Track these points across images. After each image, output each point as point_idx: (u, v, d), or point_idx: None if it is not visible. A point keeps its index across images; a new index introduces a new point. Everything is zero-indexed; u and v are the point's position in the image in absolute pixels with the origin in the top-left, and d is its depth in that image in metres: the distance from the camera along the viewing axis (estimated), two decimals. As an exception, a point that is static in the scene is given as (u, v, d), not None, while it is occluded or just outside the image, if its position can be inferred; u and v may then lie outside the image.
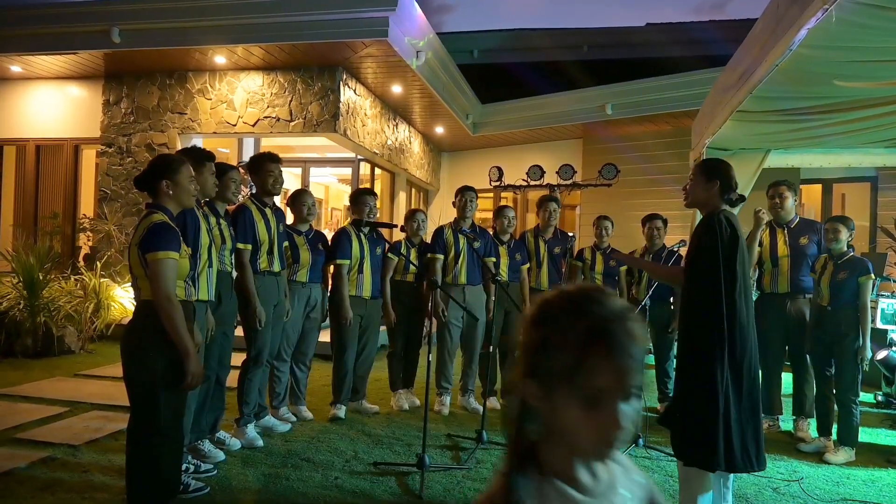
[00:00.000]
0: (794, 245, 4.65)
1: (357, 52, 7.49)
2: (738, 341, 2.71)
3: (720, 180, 2.87)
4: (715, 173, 2.91)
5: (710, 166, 2.98)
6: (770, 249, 4.73)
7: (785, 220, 4.74)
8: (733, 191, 2.89)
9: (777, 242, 4.71)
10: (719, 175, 2.89)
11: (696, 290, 2.81)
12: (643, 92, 9.51)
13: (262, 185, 4.23)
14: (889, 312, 6.05)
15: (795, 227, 4.71)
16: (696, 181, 2.95)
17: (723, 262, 2.72)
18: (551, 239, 5.55)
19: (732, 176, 2.91)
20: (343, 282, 4.69)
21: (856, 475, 3.93)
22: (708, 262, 2.75)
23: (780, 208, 4.72)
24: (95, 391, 5.20)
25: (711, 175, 2.91)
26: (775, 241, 4.73)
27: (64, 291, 7.10)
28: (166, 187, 2.74)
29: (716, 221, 2.77)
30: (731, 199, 2.89)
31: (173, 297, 2.58)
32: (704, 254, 2.78)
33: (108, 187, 8.62)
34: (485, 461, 3.93)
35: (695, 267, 2.83)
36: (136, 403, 2.65)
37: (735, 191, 2.90)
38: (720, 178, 2.88)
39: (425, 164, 12.07)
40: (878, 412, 5.55)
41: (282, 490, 3.37)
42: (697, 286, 2.81)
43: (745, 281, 2.78)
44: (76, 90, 8.87)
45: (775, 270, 4.70)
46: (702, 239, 2.82)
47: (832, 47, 3.38)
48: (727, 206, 2.90)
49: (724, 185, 2.87)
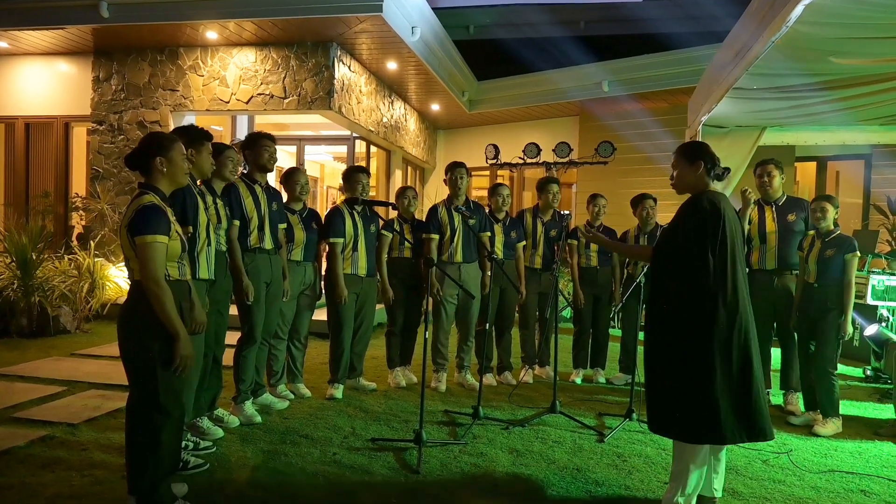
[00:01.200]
0: (782, 222, 4.70)
1: (351, 28, 7.41)
2: (725, 315, 2.75)
3: (703, 160, 2.93)
4: (697, 154, 2.96)
5: (691, 149, 3.02)
6: (758, 226, 4.79)
7: (773, 198, 4.79)
8: (717, 166, 2.95)
9: (765, 219, 4.77)
10: (701, 155, 2.95)
11: (676, 267, 2.85)
12: (640, 68, 9.47)
13: (257, 160, 4.22)
14: (879, 289, 6.12)
15: (783, 204, 4.77)
16: (681, 167, 3.00)
17: (708, 239, 2.77)
18: (549, 221, 5.56)
19: (712, 152, 2.98)
20: (337, 260, 4.70)
21: (843, 447, 4.00)
22: (693, 240, 2.80)
23: (768, 186, 4.77)
24: (93, 370, 5.22)
25: (694, 157, 2.96)
26: (763, 218, 4.78)
27: (58, 271, 7.08)
28: (160, 164, 2.72)
29: (698, 201, 2.85)
30: (718, 175, 2.95)
31: (161, 280, 2.58)
32: (687, 233, 2.83)
33: (99, 165, 8.56)
34: (481, 436, 3.98)
35: (674, 244, 2.88)
36: (135, 381, 2.67)
37: (718, 165, 2.95)
38: (703, 158, 2.94)
39: (421, 141, 12.01)
40: (866, 386, 5.63)
41: (280, 466, 3.41)
42: (677, 264, 2.85)
43: (735, 258, 2.81)
44: (65, 66, 8.76)
45: (763, 247, 4.76)
46: (685, 219, 2.87)
47: (828, 24, 3.37)
48: (716, 182, 2.96)
49: (707, 163, 2.93)
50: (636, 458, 3.69)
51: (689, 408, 2.77)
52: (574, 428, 4.21)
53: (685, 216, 2.88)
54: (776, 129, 6.23)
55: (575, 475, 3.43)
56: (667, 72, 9.16)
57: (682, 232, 2.86)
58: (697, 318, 2.78)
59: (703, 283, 2.77)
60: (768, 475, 3.50)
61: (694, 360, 2.77)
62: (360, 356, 5.02)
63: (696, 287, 2.79)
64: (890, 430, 4.26)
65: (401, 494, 3.12)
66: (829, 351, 4.24)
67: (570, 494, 3.19)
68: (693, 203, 2.88)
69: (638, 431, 4.18)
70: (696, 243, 2.79)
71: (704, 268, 2.76)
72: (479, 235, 5.11)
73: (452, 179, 5.16)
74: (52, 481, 3.09)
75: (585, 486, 3.29)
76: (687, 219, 2.86)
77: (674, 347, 2.82)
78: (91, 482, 3.10)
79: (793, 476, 3.50)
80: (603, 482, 3.34)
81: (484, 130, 12.18)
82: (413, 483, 3.25)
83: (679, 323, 2.82)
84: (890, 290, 6.09)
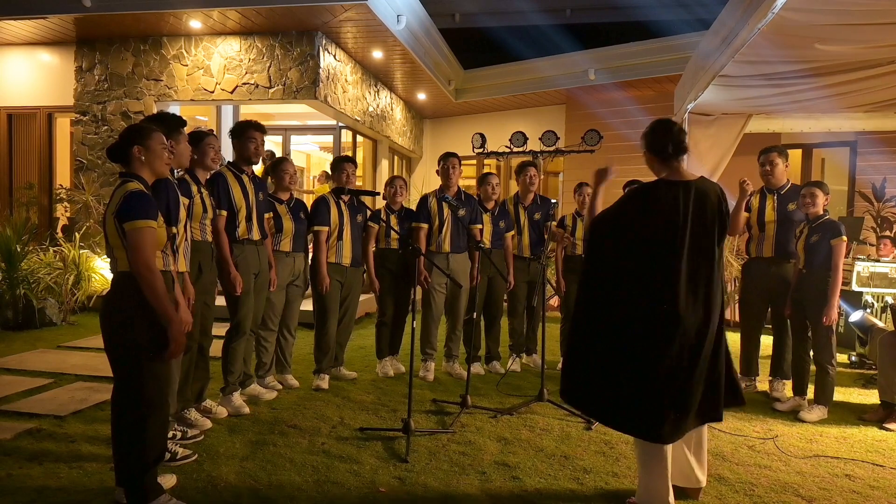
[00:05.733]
0: (782, 211, 4.71)
1: (336, 16, 7.35)
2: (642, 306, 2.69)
3: (647, 147, 2.86)
4: (644, 142, 2.89)
5: (642, 136, 2.92)
6: (758, 215, 4.79)
7: (776, 186, 4.78)
8: (666, 148, 2.78)
9: (765, 208, 4.77)
10: (645, 143, 2.88)
11: (594, 256, 2.91)
12: (626, 56, 9.46)
13: (243, 151, 4.19)
14: (864, 275, 6.18)
15: (785, 192, 4.75)
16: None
17: (615, 230, 2.79)
18: (531, 205, 5.56)
19: (661, 132, 2.82)
20: (321, 248, 4.69)
21: (828, 432, 4.05)
22: (606, 231, 2.84)
23: (770, 175, 4.77)
24: (79, 362, 5.18)
25: (643, 145, 2.90)
26: (764, 206, 4.78)
27: (43, 263, 7.03)
28: (138, 153, 2.70)
29: (639, 189, 2.81)
30: (666, 156, 2.79)
31: (153, 265, 2.55)
32: (603, 223, 2.87)
33: (83, 157, 8.46)
34: (469, 425, 4.00)
35: (594, 234, 2.92)
36: (119, 373, 2.65)
37: (667, 147, 2.78)
38: (647, 146, 2.87)
39: (408, 131, 11.96)
40: (851, 372, 5.70)
41: (269, 456, 3.41)
42: (592, 251, 2.92)
43: (647, 255, 2.71)
44: (48, 56, 8.63)
45: (762, 235, 4.77)
46: (609, 207, 2.89)
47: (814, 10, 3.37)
48: (678, 164, 2.81)
49: (651, 148, 2.84)
50: (623, 445, 3.72)
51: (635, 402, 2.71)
52: (562, 416, 4.24)
53: (612, 205, 2.88)
54: (762, 116, 6.25)
55: (563, 463, 3.45)
56: (653, 59, 9.16)
57: (598, 218, 2.89)
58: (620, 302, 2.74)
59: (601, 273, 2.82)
60: (754, 461, 3.53)
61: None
62: (342, 346, 5.03)
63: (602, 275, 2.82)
64: (874, 416, 4.30)
65: (389, 483, 3.12)
66: (822, 339, 4.26)
67: (558, 482, 3.21)
68: (634, 191, 2.83)
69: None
70: (610, 232, 2.81)
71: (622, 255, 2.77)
72: (469, 227, 5.11)
73: (445, 169, 5.15)
74: (39, 474, 3.08)
75: (573, 473, 3.32)
76: (609, 208, 2.88)
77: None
78: (79, 474, 3.08)
79: (778, 461, 3.54)
80: (591, 469, 3.36)
81: (470, 119, 12.14)
82: (401, 472, 3.26)
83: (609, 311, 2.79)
84: (874, 276, 6.15)
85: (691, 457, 2.96)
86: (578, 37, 10.43)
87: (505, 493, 3.06)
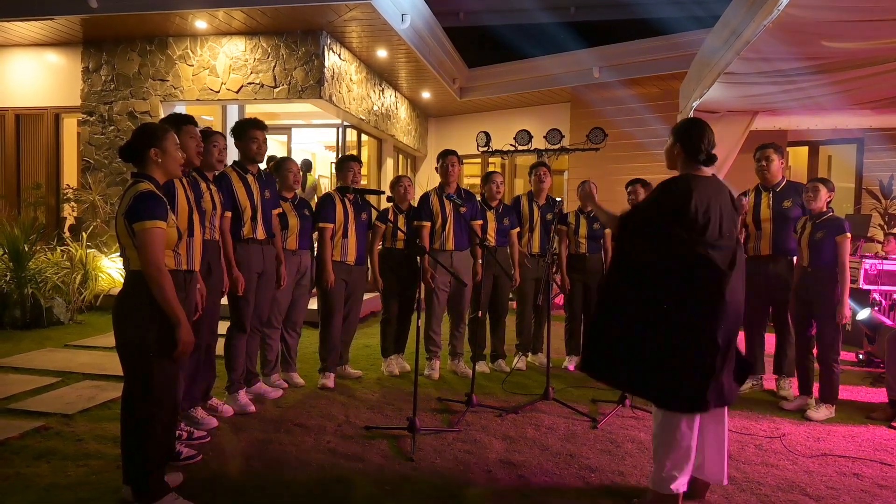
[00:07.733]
0: (778, 208, 4.66)
1: (341, 16, 7.35)
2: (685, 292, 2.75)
3: (681, 142, 2.88)
4: (678, 135, 2.91)
5: (678, 128, 2.96)
6: (753, 212, 4.75)
7: (771, 182, 4.75)
8: (701, 152, 2.83)
9: (761, 206, 4.73)
10: (680, 136, 2.89)
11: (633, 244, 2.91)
12: (631, 54, 9.44)
13: (246, 151, 4.18)
14: (872, 273, 6.14)
15: (781, 190, 4.72)
16: (668, 142, 2.97)
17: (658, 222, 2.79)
18: (544, 205, 5.57)
19: (699, 135, 2.85)
20: (326, 245, 4.70)
21: (836, 431, 4.03)
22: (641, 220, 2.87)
23: (766, 171, 4.72)
24: (87, 361, 5.21)
25: (676, 137, 2.92)
26: (759, 204, 4.75)
27: (50, 263, 7.07)
28: (155, 155, 2.72)
29: (671, 183, 2.82)
30: (699, 160, 2.85)
31: (162, 266, 2.57)
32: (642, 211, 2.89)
33: (90, 157, 8.50)
34: (474, 423, 4.00)
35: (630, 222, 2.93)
36: (129, 372, 2.67)
37: (703, 151, 2.83)
38: (681, 141, 2.88)
39: (412, 130, 11.97)
40: (859, 370, 5.67)
41: (275, 454, 3.42)
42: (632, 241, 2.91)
43: (709, 241, 2.76)
44: (54, 57, 8.67)
45: (758, 233, 4.73)
46: (646, 198, 2.93)
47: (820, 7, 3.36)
48: (702, 167, 2.86)
49: (685, 146, 2.86)
50: (629, 444, 3.71)
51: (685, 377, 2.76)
52: (567, 414, 4.23)
53: (648, 196, 2.92)
54: (768, 113, 6.22)
55: (568, 461, 3.44)
56: (658, 57, 9.13)
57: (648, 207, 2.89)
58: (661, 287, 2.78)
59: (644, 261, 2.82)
60: (762, 459, 3.52)
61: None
62: (346, 344, 5.03)
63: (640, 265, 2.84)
64: (882, 414, 4.28)
65: (395, 481, 3.13)
66: (828, 338, 4.24)
67: (564, 480, 3.21)
68: (664, 184, 2.84)
69: (631, 417, 4.21)
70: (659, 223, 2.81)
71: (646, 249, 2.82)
72: (470, 223, 5.11)
73: (444, 167, 5.15)
74: (47, 472, 3.09)
75: (579, 471, 3.31)
76: (645, 200, 2.94)
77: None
78: (86, 472, 3.10)
79: (786, 460, 3.53)
80: (596, 468, 3.36)
81: (475, 118, 12.14)
82: (407, 470, 3.26)
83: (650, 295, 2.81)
84: (882, 274, 6.11)
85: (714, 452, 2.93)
86: (583, 34, 10.42)
87: (510, 492, 3.06)
